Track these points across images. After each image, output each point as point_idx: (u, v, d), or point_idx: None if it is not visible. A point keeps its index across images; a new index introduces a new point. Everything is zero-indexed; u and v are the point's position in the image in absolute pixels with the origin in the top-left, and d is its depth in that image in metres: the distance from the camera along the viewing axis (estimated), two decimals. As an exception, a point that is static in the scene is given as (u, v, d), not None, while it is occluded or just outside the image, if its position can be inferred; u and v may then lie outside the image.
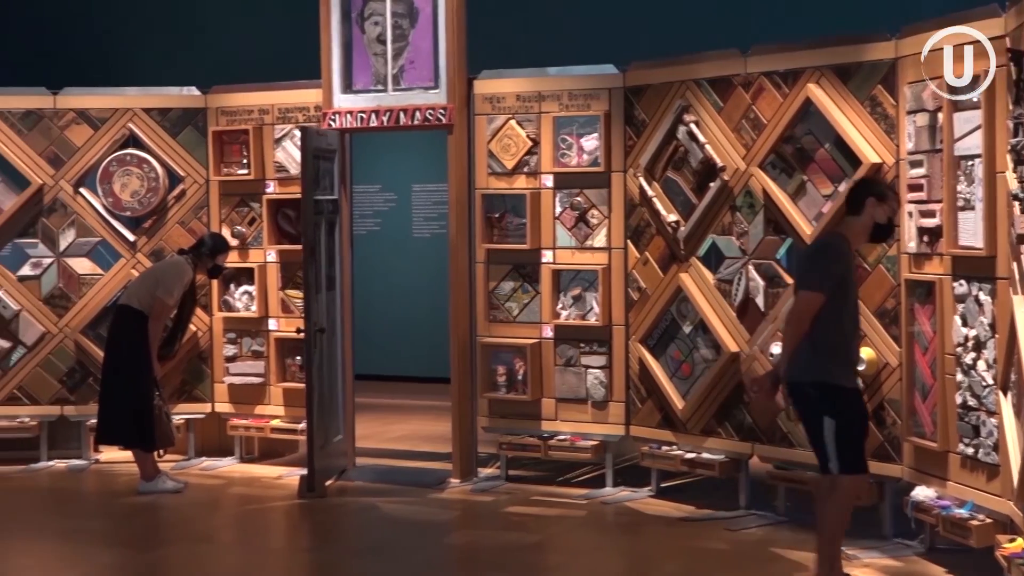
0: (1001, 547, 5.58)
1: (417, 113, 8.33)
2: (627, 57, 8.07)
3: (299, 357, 8.59)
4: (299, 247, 8.25)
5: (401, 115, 8.37)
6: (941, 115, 6.12)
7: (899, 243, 6.46)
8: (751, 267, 7.25)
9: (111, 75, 10.76)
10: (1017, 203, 5.55)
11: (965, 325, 6.02)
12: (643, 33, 10.93)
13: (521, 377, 8.16)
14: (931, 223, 6.21)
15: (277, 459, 9.09)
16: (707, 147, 7.41)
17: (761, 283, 7.20)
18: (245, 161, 8.82)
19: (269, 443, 9.11)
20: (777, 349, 6.96)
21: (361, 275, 9.09)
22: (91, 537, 7.25)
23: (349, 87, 8.54)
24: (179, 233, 8.97)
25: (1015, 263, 5.60)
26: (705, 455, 7.50)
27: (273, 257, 8.82)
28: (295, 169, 8.59)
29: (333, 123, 8.50)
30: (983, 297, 5.90)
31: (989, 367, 5.86)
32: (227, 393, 8.96)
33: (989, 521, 5.85)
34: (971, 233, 5.94)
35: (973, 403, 5.97)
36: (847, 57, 6.78)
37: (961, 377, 6.04)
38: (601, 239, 7.99)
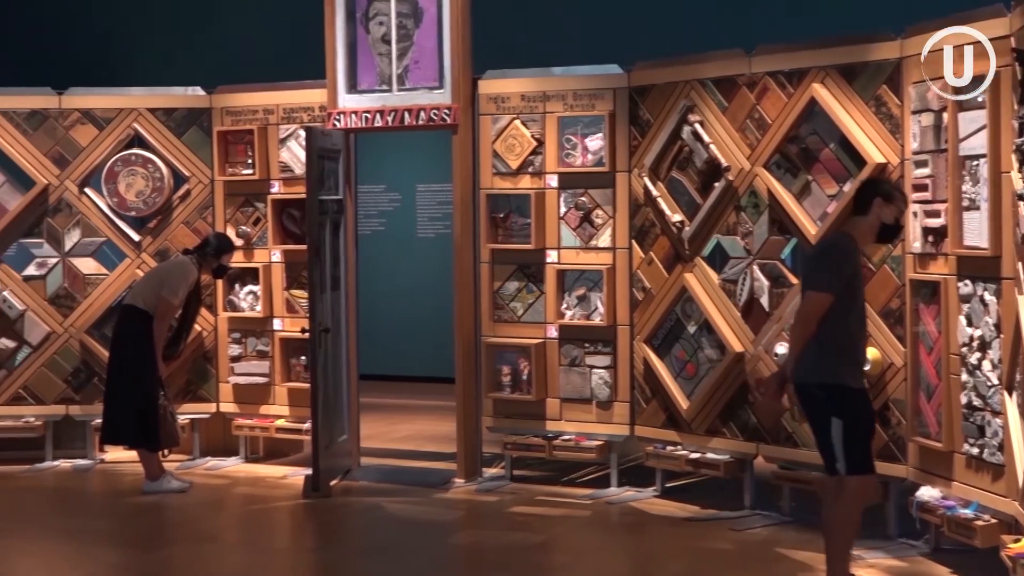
0: (1006, 547, 5.57)
1: (422, 113, 8.33)
2: (632, 57, 8.07)
3: (304, 357, 8.58)
4: (304, 247, 8.25)
5: (406, 115, 8.37)
6: (946, 115, 6.12)
7: (904, 243, 6.45)
8: (756, 267, 7.25)
9: (116, 75, 10.77)
10: (1022, 203, 5.54)
11: (970, 325, 6.01)
12: (648, 33, 10.93)
13: (526, 377, 8.15)
14: (936, 223, 6.21)
15: (282, 459, 9.09)
16: (712, 147, 7.41)
17: (766, 283, 7.19)
18: (250, 161, 8.82)
19: (274, 443, 9.11)
20: (781, 349, 6.96)
21: (366, 275, 9.09)
22: (96, 537, 7.26)
23: (354, 87, 8.54)
24: (184, 233, 8.98)
25: (1020, 263, 5.59)
26: (710, 455, 7.49)
27: (278, 257, 8.83)
28: (300, 169, 8.59)
29: (338, 123, 8.51)
30: (988, 297, 5.89)
31: (994, 367, 5.85)
32: (232, 393, 8.97)
33: (994, 521, 5.83)
34: (976, 233, 5.94)
35: (978, 403, 5.96)
36: (852, 57, 6.78)
37: (966, 377, 6.03)
38: (606, 239, 7.99)
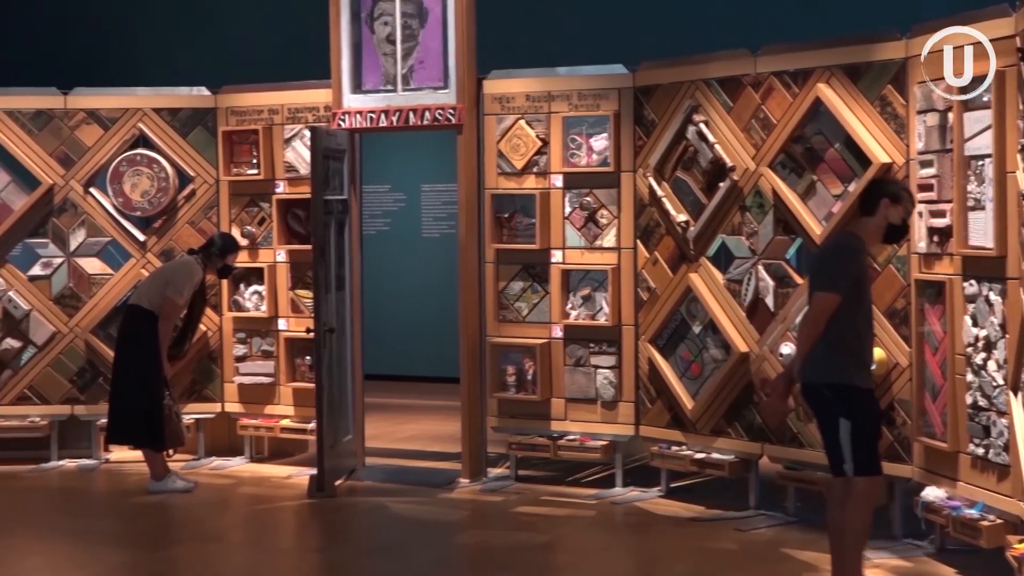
0: (1011, 548, 5.57)
1: (427, 113, 8.33)
2: (637, 57, 8.07)
3: (309, 357, 8.59)
4: (309, 247, 8.25)
5: (411, 115, 8.37)
6: (951, 115, 6.11)
7: (909, 243, 6.45)
8: (761, 267, 7.24)
9: (121, 75, 10.77)
10: (1028, 203, 5.54)
11: (975, 325, 6.00)
12: (653, 33, 10.93)
13: (531, 377, 8.15)
14: (941, 223, 6.20)
15: (287, 459, 9.10)
16: (717, 147, 7.40)
17: (771, 283, 7.19)
18: (255, 161, 8.83)
19: (279, 443, 9.11)
20: (787, 349, 6.96)
21: (371, 275, 9.09)
22: (101, 537, 7.27)
23: (359, 87, 8.54)
24: (189, 233, 8.99)
25: (1026, 263, 5.60)
26: (715, 455, 7.49)
27: (283, 257, 8.83)
28: (305, 169, 8.60)
29: (343, 123, 8.51)
30: (993, 297, 5.88)
31: (999, 367, 5.84)
32: (237, 393, 8.97)
33: (999, 522, 5.83)
34: (981, 233, 5.93)
35: (983, 403, 5.95)
36: (857, 57, 6.77)
37: (971, 377, 6.02)
38: (611, 239, 7.98)
